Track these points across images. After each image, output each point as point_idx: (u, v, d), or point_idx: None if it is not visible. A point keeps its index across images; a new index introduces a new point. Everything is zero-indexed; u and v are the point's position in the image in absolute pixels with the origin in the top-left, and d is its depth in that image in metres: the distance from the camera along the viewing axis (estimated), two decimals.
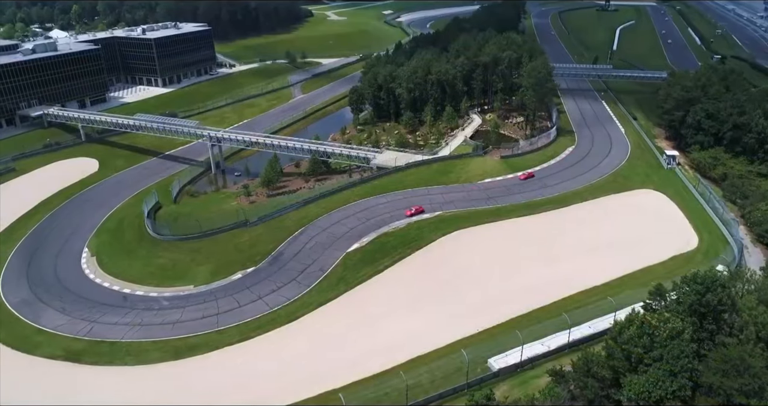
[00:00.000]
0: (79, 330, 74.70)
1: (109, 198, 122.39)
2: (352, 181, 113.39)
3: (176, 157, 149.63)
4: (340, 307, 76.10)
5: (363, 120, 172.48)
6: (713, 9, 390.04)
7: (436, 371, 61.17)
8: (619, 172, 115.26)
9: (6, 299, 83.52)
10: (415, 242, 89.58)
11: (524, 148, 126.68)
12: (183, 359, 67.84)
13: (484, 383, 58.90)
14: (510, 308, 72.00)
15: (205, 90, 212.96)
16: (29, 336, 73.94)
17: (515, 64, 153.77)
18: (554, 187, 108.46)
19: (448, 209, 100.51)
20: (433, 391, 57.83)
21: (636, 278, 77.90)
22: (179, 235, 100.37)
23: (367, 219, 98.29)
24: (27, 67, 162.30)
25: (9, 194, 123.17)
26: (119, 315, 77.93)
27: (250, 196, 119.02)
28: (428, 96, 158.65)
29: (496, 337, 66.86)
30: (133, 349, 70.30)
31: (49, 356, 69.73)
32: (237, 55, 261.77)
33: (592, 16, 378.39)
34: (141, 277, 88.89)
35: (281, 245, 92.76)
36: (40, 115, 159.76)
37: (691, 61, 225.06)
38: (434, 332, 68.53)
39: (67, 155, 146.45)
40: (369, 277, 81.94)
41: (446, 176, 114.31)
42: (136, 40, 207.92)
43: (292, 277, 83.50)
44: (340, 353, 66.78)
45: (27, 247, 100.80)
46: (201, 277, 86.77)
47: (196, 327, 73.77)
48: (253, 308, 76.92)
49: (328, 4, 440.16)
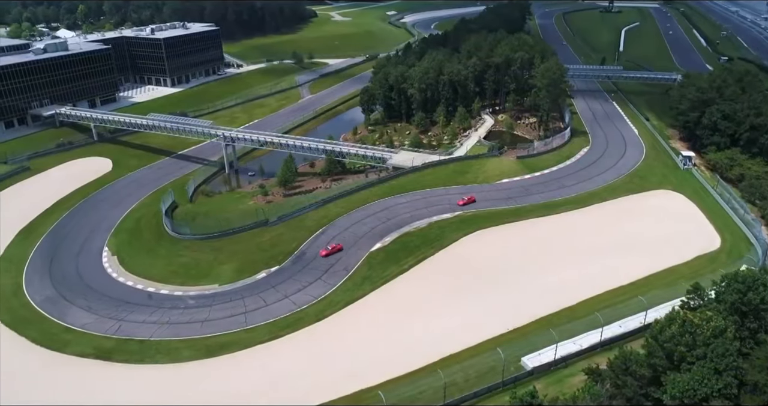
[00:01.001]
0: (108, 328, 74.82)
1: (125, 198, 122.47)
2: (370, 181, 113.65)
3: (189, 156, 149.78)
4: (368, 306, 76.36)
5: (374, 120, 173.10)
6: (716, 11, 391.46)
7: (469, 370, 61.44)
8: (635, 172, 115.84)
9: (31, 297, 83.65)
10: (437, 242, 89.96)
11: (539, 148, 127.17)
12: (215, 358, 67.93)
13: (518, 382, 59.31)
14: (538, 308, 72.38)
15: (214, 90, 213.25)
16: (57, 334, 74.00)
17: (527, 64, 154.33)
18: (572, 188, 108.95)
19: (468, 209, 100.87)
20: (468, 390, 58.10)
21: (662, 277, 78.37)
22: (199, 234, 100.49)
23: (387, 219, 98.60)
24: (39, 66, 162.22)
25: (25, 193, 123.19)
26: (146, 314, 78.08)
27: (267, 195, 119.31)
28: (440, 96, 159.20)
29: (526, 336, 67.22)
30: (164, 347, 70.45)
31: (79, 354, 69.75)
32: (243, 55, 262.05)
33: (596, 17, 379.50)
34: (164, 276, 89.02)
35: (303, 244, 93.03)
36: (52, 114, 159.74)
37: (698, 62, 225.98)
38: (464, 331, 68.82)
39: (80, 155, 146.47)
40: (394, 276, 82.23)
41: (463, 176, 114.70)
42: (145, 40, 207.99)
43: (317, 276, 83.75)
44: (371, 352, 67.02)
45: (47, 245, 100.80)
46: (225, 276, 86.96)
47: (225, 326, 73.90)
48: (280, 307, 77.09)
49: (332, 5, 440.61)
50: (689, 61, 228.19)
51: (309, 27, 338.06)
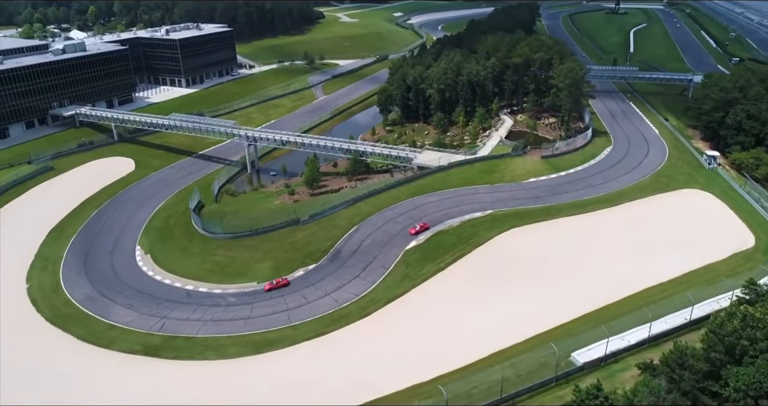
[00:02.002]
0: (152, 326, 75.44)
1: (151, 197, 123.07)
2: (398, 181, 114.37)
3: (209, 156, 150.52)
4: (410, 303, 77.05)
5: (391, 121, 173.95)
6: (721, 12, 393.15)
7: (519, 366, 62.09)
8: (661, 172, 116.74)
9: (71, 295, 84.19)
10: (472, 240, 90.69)
11: (562, 148, 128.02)
12: (262, 354, 68.57)
13: (570, 377, 60.06)
14: (581, 304, 73.13)
15: (229, 90, 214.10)
16: (103, 331, 74.57)
17: (546, 65, 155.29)
18: (599, 187, 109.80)
19: (498, 207, 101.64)
20: (520, 385, 58.79)
21: (700, 275, 79.18)
22: (231, 233, 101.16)
23: (419, 217, 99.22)
24: (58, 67, 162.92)
25: (51, 193, 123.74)
26: (188, 311, 78.68)
27: (294, 195, 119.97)
28: (458, 97, 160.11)
29: (571, 332, 67.91)
30: (211, 344, 71.04)
31: (127, 351, 70.37)
32: (253, 55, 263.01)
33: (602, 18, 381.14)
34: (201, 274, 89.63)
35: (338, 242, 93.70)
36: (73, 114, 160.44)
37: (709, 63, 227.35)
38: (509, 327, 69.59)
39: (102, 155, 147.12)
40: (433, 274, 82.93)
41: (490, 176, 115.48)
42: (161, 40, 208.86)
43: (355, 274, 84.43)
44: (419, 349, 67.66)
45: (79, 245, 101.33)
46: (262, 274, 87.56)
47: (269, 323, 74.54)
48: (321, 305, 77.75)
49: (337, 6, 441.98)
50: (700, 62, 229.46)
51: (317, 28, 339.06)
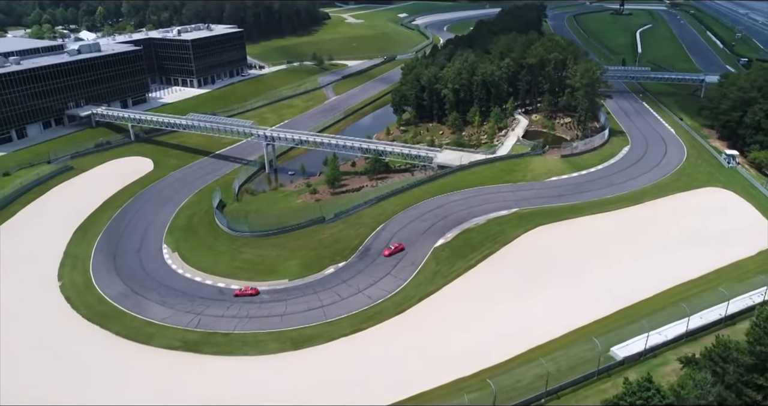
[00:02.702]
0: (188, 322, 76.07)
1: (172, 196, 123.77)
2: (420, 180, 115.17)
3: (226, 156, 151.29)
4: (444, 300, 77.80)
5: (404, 121, 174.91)
6: (724, 13, 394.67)
7: (559, 361, 62.69)
8: (681, 170, 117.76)
9: (103, 292, 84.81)
10: (499, 237, 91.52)
11: (581, 147, 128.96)
12: (302, 350, 69.24)
13: (612, 371, 60.88)
14: (614, 300, 73.93)
15: (240, 91, 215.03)
16: (140, 328, 75.23)
17: (561, 65, 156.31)
18: (621, 186, 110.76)
19: (523, 206, 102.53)
20: (563, 379, 59.53)
21: (729, 271, 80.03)
22: (257, 231, 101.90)
23: (444, 216, 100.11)
24: (74, 67, 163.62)
25: (73, 192, 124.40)
26: (222, 308, 79.36)
27: (316, 193, 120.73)
28: (473, 97, 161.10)
29: (606, 327, 68.71)
30: (250, 339, 71.74)
31: (167, 347, 71.05)
32: (262, 56, 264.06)
33: (607, 19, 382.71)
34: (230, 271, 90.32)
35: (366, 240, 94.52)
36: (89, 114, 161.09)
37: (717, 64, 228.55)
38: (545, 323, 70.35)
39: (119, 154, 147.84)
40: (464, 271, 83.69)
41: (511, 175, 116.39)
42: (173, 41, 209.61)
43: (386, 271, 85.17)
44: (456, 344, 68.41)
45: (106, 243, 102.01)
46: (293, 271, 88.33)
47: (305, 319, 75.24)
48: (355, 301, 78.48)
49: (341, 7, 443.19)
50: (709, 62, 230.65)
51: (324, 29, 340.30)
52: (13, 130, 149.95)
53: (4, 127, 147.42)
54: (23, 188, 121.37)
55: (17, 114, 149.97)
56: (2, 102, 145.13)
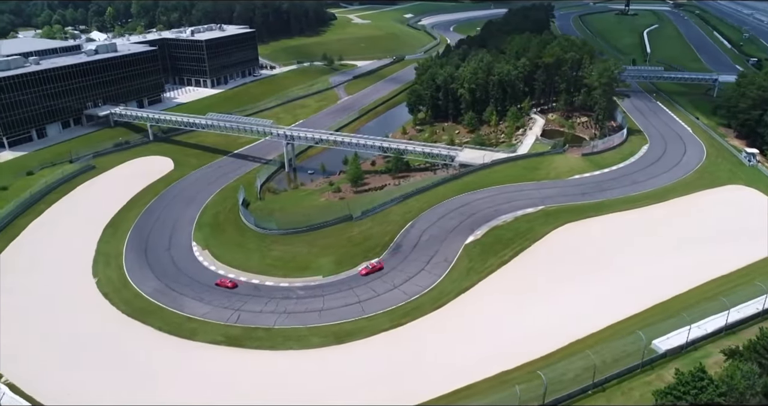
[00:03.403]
0: (228, 318, 76.98)
1: (195, 195, 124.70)
2: (444, 178, 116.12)
3: (245, 155, 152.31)
4: (481, 294, 78.77)
5: (419, 120, 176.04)
6: (729, 13, 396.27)
7: (602, 353, 63.52)
8: (703, 169, 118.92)
9: (140, 289, 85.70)
10: (529, 234, 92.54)
11: (601, 146, 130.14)
12: (345, 344, 70.15)
13: (655, 363, 61.93)
14: (648, 296, 74.80)
15: (253, 91, 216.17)
16: (181, 323, 76.10)
17: (577, 65, 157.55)
18: (644, 184, 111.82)
19: (548, 203, 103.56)
20: (607, 371, 60.51)
21: (761, 266, 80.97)
22: (285, 229, 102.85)
23: (471, 213, 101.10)
24: (92, 67, 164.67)
25: (97, 191, 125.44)
26: (260, 304, 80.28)
27: (339, 192, 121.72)
28: (489, 96, 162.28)
29: (645, 321, 69.65)
30: (292, 334, 72.62)
31: (210, 342, 71.90)
32: (272, 56, 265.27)
33: (612, 19, 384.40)
34: (263, 268, 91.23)
35: (396, 237, 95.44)
36: (107, 114, 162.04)
37: (727, 63, 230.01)
38: (583, 318, 71.34)
39: (139, 154, 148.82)
40: (497, 267, 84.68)
41: (534, 173, 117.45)
42: (187, 41, 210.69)
43: (419, 267, 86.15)
44: (497, 338, 69.38)
45: (135, 241, 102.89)
46: (326, 268, 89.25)
47: (344, 314, 76.14)
48: (392, 297, 79.44)
49: (346, 7, 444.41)
50: (718, 62, 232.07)
51: (331, 29, 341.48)
52: (33, 130, 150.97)
53: (24, 127, 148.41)
54: (48, 187, 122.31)
55: (37, 114, 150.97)
56: (23, 102, 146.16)
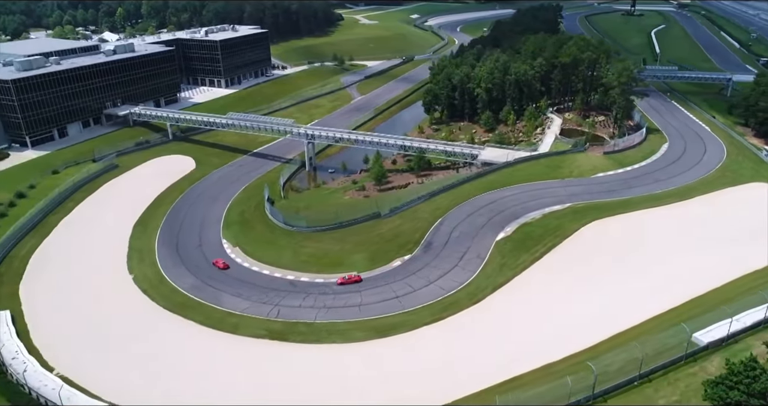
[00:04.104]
0: (268, 313, 78.06)
1: (219, 193, 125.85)
2: (469, 176, 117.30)
3: (264, 155, 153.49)
4: (517, 289, 79.95)
5: (435, 119, 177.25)
6: (735, 14, 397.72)
7: (644, 346, 64.13)
8: (725, 167, 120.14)
9: (177, 285, 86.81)
10: (558, 231, 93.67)
11: (622, 144, 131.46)
12: (388, 338, 71.27)
13: (698, 355, 63.07)
14: (683, 290, 75.83)
15: (267, 91, 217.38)
16: (222, 318, 77.19)
17: (593, 64, 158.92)
18: (668, 182, 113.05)
19: (575, 201, 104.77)
20: (652, 363, 61.59)
21: None
22: (314, 226, 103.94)
23: (499, 211, 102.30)
24: (111, 67, 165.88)
25: (123, 189, 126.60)
26: (297, 299, 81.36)
27: (364, 190, 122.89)
28: (506, 96, 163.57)
29: (683, 315, 70.63)
30: (334, 329, 73.72)
31: (253, 335, 73.06)
32: (282, 57, 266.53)
33: (619, 19, 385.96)
34: (296, 265, 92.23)
35: (427, 234, 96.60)
36: (127, 114, 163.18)
37: (737, 63, 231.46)
38: (622, 311, 72.50)
39: (160, 153, 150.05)
40: (530, 263, 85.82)
41: (557, 171, 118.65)
42: (201, 41, 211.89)
43: (453, 263, 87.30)
44: (536, 331, 70.44)
45: (166, 238, 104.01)
46: (360, 264, 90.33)
47: (383, 309, 77.27)
48: (429, 292, 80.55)
49: (352, 8, 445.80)
50: (728, 62, 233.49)
51: (339, 30, 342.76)
52: (55, 130, 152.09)
53: (46, 127, 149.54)
54: (75, 186, 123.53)
55: (59, 113, 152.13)
56: (45, 101, 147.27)
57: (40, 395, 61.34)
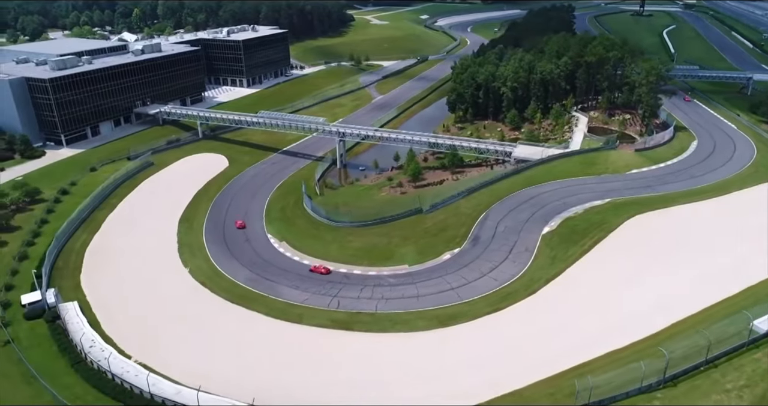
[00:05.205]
0: (328, 304, 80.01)
1: (257, 190, 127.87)
2: (506, 173, 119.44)
3: (294, 152, 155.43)
4: (571, 281, 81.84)
5: (459, 118, 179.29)
6: (741, 13, 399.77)
7: (706, 333, 66.30)
8: (757, 163, 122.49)
9: (233, 278, 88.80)
10: (603, 225, 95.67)
11: (650, 142, 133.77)
12: (451, 327, 73.28)
13: (758, 343, 65.16)
14: (738, 280, 77.77)
15: (288, 90, 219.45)
16: (285, 309, 79.14)
17: (618, 63, 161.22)
18: (703, 178, 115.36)
19: (614, 196, 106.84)
20: (715, 350, 63.59)
21: None
22: (358, 221, 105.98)
23: (541, 206, 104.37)
24: (141, 67, 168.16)
25: (162, 186, 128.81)
26: (355, 291, 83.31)
27: (401, 186, 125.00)
28: (531, 95, 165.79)
29: (739, 304, 72.41)
30: (395, 318, 75.69)
31: (318, 325, 75.04)
32: (298, 57, 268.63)
33: (628, 20, 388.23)
34: (345, 258, 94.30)
35: (473, 228, 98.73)
36: (157, 112, 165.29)
37: (753, 63, 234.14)
38: (678, 300, 74.45)
39: (191, 151, 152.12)
40: (579, 256, 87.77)
41: (592, 168, 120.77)
42: (224, 41, 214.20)
43: (503, 256, 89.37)
44: (598, 320, 72.24)
45: (212, 233, 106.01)
46: (410, 257, 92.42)
47: (440, 300, 79.23)
48: (483, 284, 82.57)
49: (360, 9, 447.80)
50: (744, 62, 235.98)
51: (352, 30, 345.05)
52: (88, 128, 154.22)
53: (80, 125, 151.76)
54: (116, 183, 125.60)
55: (92, 112, 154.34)
56: (79, 100, 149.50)
57: (125, 381, 63.26)
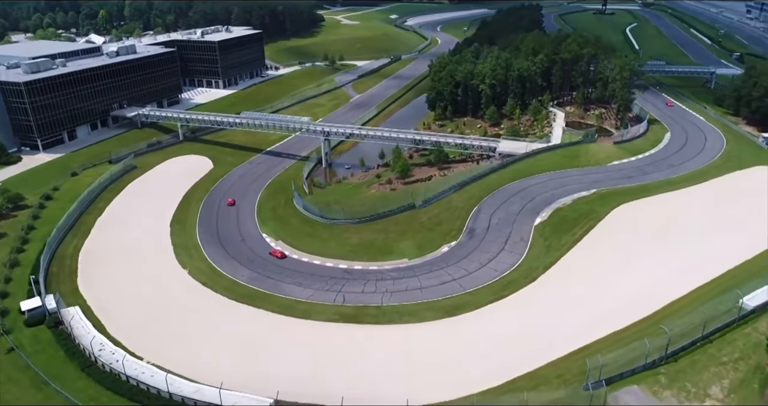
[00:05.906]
0: (333, 299, 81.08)
1: (245, 191, 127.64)
2: (493, 167, 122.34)
3: (278, 153, 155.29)
4: (568, 268, 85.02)
5: (438, 115, 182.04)
6: (699, 12, 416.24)
7: (699, 312, 70.08)
8: (728, 153, 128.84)
9: (235, 277, 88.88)
10: (592, 215, 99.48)
11: (627, 135, 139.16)
12: (457, 316, 75.40)
13: (747, 318, 69.32)
14: (723, 262, 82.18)
15: (265, 91, 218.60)
16: (291, 305, 79.78)
17: (592, 60, 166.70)
18: (680, 167, 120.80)
19: (598, 187, 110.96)
20: (710, 326, 67.29)
21: None
22: (352, 218, 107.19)
23: (530, 198, 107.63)
24: (116, 69, 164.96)
25: (148, 189, 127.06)
26: (358, 286, 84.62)
27: (391, 183, 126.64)
28: (509, 91, 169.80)
29: (726, 283, 76.90)
30: (404, 310, 77.31)
31: (327, 320, 76.01)
32: (272, 57, 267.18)
33: (591, 18, 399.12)
34: (345, 254, 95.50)
35: (467, 221, 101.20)
36: (135, 115, 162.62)
37: (711, 58, 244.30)
38: (671, 283, 78.24)
39: (174, 153, 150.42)
40: (573, 244, 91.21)
41: (575, 160, 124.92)
42: (199, 42, 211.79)
43: (499, 247, 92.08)
44: (599, 304, 75.51)
45: (206, 234, 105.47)
46: (409, 251, 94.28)
47: (444, 291, 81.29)
48: (484, 274, 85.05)
49: (328, 8, 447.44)
50: (704, 57, 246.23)
51: (324, 31, 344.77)
52: (64, 132, 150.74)
53: (57, 129, 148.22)
54: (101, 186, 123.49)
55: (68, 116, 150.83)
56: (55, 104, 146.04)
57: (140, 382, 63.05)
